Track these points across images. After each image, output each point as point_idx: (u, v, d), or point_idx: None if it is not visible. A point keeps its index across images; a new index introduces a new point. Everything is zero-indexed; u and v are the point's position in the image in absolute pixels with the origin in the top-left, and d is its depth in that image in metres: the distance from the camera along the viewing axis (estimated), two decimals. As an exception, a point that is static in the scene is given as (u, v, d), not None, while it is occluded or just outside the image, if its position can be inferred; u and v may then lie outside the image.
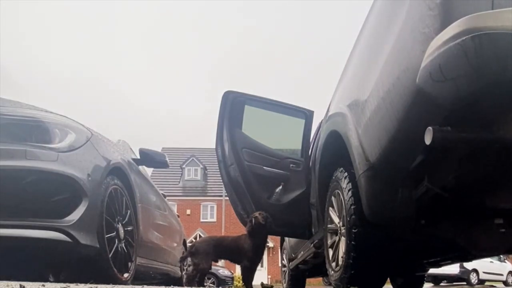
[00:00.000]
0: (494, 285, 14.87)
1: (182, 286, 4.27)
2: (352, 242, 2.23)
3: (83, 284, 1.92)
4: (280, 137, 4.36)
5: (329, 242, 2.75)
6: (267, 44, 57.11)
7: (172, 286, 2.34)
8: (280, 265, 6.71)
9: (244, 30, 61.75)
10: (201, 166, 30.04)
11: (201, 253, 3.23)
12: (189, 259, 3.37)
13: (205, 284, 5.89)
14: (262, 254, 3.46)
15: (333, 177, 2.68)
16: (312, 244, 3.52)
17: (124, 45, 56.14)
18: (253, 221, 3.25)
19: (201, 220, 28.40)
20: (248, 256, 3.26)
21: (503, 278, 16.34)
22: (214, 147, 3.81)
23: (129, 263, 2.95)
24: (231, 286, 13.61)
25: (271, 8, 56.94)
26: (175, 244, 4.91)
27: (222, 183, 3.75)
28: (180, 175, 30.20)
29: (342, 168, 2.50)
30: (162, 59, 59.48)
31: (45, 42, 53.63)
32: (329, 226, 2.75)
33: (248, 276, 3.32)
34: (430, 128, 1.48)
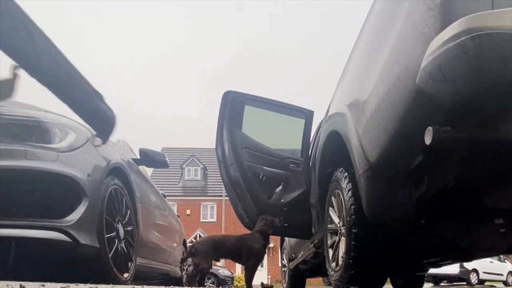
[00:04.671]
0: (494, 285, 14.87)
1: (182, 286, 4.27)
2: (352, 242, 2.23)
3: (83, 284, 1.91)
4: (280, 137, 4.36)
5: (329, 242, 2.75)
6: (267, 44, 57.14)
7: (172, 286, 2.34)
8: (280, 265, 6.71)
9: (244, 30, 61.78)
10: (201, 166, 30.03)
11: (201, 253, 3.23)
12: (189, 259, 3.38)
13: (205, 284, 5.89)
14: (265, 253, 3.50)
15: (333, 177, 2.68)
16: (312, 244, 3.52)
17: (123, 46, 56.14)
18: (273, 223, 3.29)
19: (201, 220, 28.39)
20: (257, 256, 3.28)
21: (503, 278, 16.34)
22: (214, 147, 3.81)
23: (129, 263, 2.95)
24: (231, 286, 13.62)
25: (270, 8, 56.98)
26: (175, 244, 4.91)
27: (222, 183, 3.76)
28: (180, 175, 30.18)
29: (342, 168, 2.50)
30: (162, 59, 59.52)
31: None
32: (329, 226, 2.75)
33: (251, 276, 3.33)
34: (430, 128, 1.48)
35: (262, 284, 4.71)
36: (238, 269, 22.13)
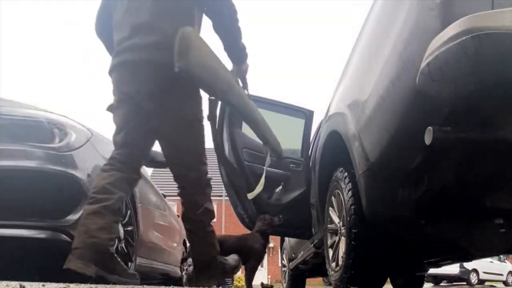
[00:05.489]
0: (494, 285, 14.88)
1: (182, 286, 4.27)
2: (352, 242, 2.24)
3: (83, 284, 1.91)
4: (280, 137, 4.36)
5: (329, 242, 2.75)
6: (267, 44, 57.18)
7: (172, 286, 2.34)
8: (280, 265, 6.72)
9: (245, 29, 61.70)
10: (201, 166, 30.02)
11: None
12: (189, 259, 3.38)
13: (205, 284, 5.85)
14: (266, 252, 3.51)
15: (333, 177, 2.68)
16: (312, 244, 3.52)
17: (124, 45, 55.92)
18: (271, 222, 3.28)
19: (201, 220, 28.41)
20: (257, 256, 3.28)
21: (503, 278, 16.36)
22: (213, 147, 3.81)
23: (129, 263, 2.95)
24: (231, 286, 13.62)
25: (270, 7, 57.01)
26: (175, 244, 4.91)
27: (222, 183, 3.76)
28: (180, 175, 30.16)
29: (342, 168, 2.50)
30: (162, 59, 59.38)
31: (42, 41, 53.61)
32: (329, 226, 2.75)
33: (251, 276, 3.33)
34: (430, 128, 1.48)
35: (262, 284, 4.71)
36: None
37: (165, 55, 2.03)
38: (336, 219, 2.62)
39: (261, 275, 23.40)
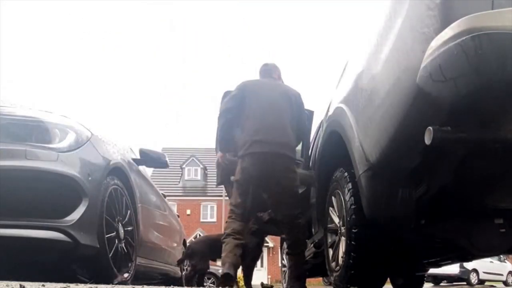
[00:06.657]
0: (494, 285, 14.88)
1: (182, 286, 4.27)
2: (352, 242, 2.24)
3: (83, 284, 1.92)
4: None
5: (329, 242, 2.75)
6: (267, 43, 57.19)
7: (172, 286, 2.34)
8: (280, 265, 6.71)
9: (244, 29, 61.82)
10: (201, 166, 30.00)
11: (198, 254, 3.23)
12: (187, 260, 3.38)
13: (205, 284, 5.86)
14: (261, 251, 3.49)
15: (333, 177, 2.68)
16: (312, 244, 3.52)
17: (124, 43, 56.12)
18: (260, 219, 3.26)
19: (201, 220, 28.38)
20: (251, 255, 3.27)
21: (503, 278, 16.34)
22: (214, 147, 3.80)
23: (129, 263, 2.95)
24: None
25: (269, 7, 57.02)
26: (175, 244, 4.91)
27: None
28: (180, 175, 30.17)
29: (342, 168, 2.50)
30: (162, 57, 59.54)
31: (42, 41, 53.65)
32: (329, 226, 2.75)
33: (249, 274, 3.33)
34: (430, 128, 1.48)
35: (262, 284, 4.70)
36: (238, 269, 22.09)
37: (285, 150, 3.01)
38: (336, 219, 2.62)
39: (261, 275, 23.40)
